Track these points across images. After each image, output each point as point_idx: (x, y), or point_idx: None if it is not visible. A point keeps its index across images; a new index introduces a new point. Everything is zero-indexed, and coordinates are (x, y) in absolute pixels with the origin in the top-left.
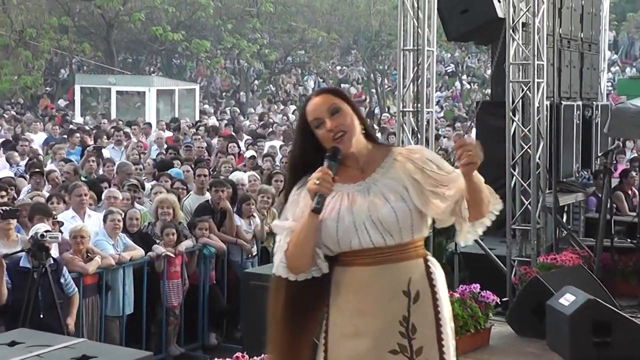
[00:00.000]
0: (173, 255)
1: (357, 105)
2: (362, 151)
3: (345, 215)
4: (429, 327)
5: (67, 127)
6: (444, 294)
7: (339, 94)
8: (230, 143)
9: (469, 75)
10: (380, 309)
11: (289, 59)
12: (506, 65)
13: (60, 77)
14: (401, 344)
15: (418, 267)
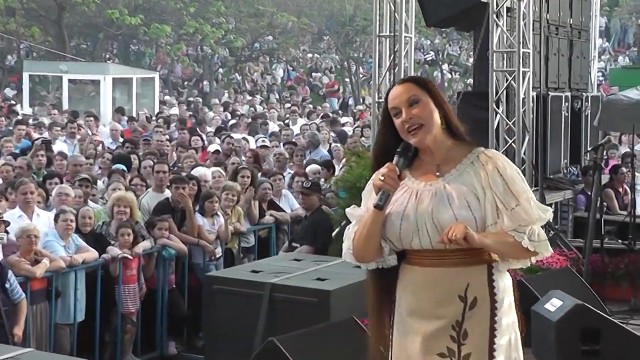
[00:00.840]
0: (129, 258)
1: (445, 99)
2: (440, 147)
3: (410, 214)
4: (482, 335)
5: (14, 118)
6: (507, 303)
7: (424, 85)
8: (192, 136)
9: (450, 64)
10: (434, 312)
11: (256, 46)
12: (489, 53)
13: (6, 63)
14: (450, 348)
15: (479, 273)
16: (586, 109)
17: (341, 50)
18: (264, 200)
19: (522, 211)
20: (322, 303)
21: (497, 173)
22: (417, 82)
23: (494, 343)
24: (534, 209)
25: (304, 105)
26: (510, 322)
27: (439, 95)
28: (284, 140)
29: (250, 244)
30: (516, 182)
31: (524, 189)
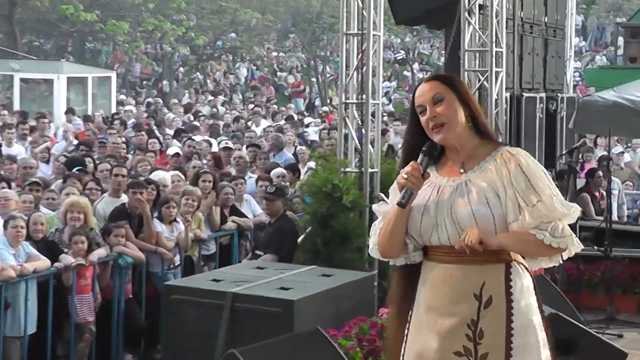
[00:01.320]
0: (84, 266)
1: (472, 97)
2: (465, 145)
3: (430, 208)
4: (498, 335)
5: None
6: (525, 304)
7: (449, 83)
8: (150, 139)
9: (420, 63)
10: (448, 309)
11: (218, 44)
12: (461, 53)
13: None
14: (466, 347)
15: (496, 272)
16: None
17: (307, 48)
18: (225, 206)
19: (543, 207)
20: (286, 313)
21: (519, 170)
22: (443, 80)
23: (511, 342)
24: (557, 205)
25: (268, 106)
26: (530, 323)
27: (466, 94)
28: (247, 142)
29: (211, 252)
30: (539, 178)
31: (547, 185)
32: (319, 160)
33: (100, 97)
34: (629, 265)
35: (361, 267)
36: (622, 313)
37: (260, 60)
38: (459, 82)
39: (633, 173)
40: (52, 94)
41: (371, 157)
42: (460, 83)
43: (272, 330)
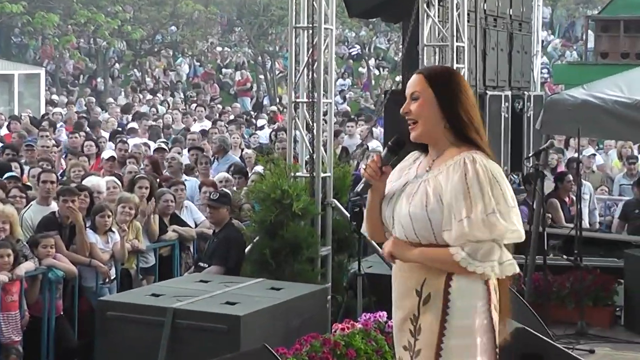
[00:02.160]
0: (9, 281)
1: (454, 99)
2: (438, 146)
3: (391, 201)
4: (432, 333)
5: None
6: (463, 305)
7: (433, 81)
8: (86, 141)
9: (377, 59)
10: (398, 303)
11: (157, 38)
12: (420, 48)
13: None
14: (409, 342)
15: (438, 271)
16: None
17: (254, 43)
18: (165, 214)
19: (467, 225)
20: (232, 330)
21: (462, 179)
22: (428, 77)
23: (442, 342)
24: (485, 226)
25: (212, 105)
26: (467, 326)
27: (449, 95)
28: (189, 145)
29: (149, 264)
30: (480, 192)
31: (486, 202)
32: (267, 164)
33: (27, 96)
34: (601, 276)
35: (313, 279)
36: (593, 327)
37: (203, 55)
38: (445, 82)
39: (605, 177)
40: None
41: (323, 160)
42: (447, 82)
43: (216, 348)
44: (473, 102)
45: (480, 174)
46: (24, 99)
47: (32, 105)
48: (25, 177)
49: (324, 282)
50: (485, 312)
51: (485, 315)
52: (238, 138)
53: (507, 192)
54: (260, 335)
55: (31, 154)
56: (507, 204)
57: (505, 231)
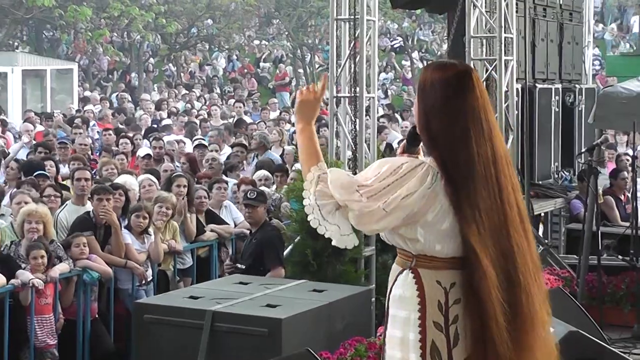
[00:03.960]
0: (43, 283)
1: (421, 106)
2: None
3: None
4: (382, 338)
5: None
6: (394, 314)
7: (418, 86)
8: (120, 138)
9: (420, 51)
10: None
11: (193, 31)
12: (466, 39)
13: None
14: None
15: (394, 274)
16: (580, 103)
17: (293, 36)
18: (199, 211)
19: (330, 178)
20: (273, 334)
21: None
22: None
23: (386, 329)
24: (341, 187)
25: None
26: (393, 336)
27: (419, 101)
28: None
29: (187, 265)
30: (370, 167)
31: (365, 174)
32: None
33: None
34: None
35: (357, 281)
36: None
37: (241, 49)
38: (420, 87)
39: None
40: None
41: (366, 157)
42: (423, 91)
43: (257, 352)
44: (425, 102)
45: (376, 162)
46: (56, 95)
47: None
48: (60, 177)
49: (368, 283)
50: (420, 325)
51: (421, 328)
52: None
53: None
54: (302, 339)
55: (65, 152)
56: (378, 194)
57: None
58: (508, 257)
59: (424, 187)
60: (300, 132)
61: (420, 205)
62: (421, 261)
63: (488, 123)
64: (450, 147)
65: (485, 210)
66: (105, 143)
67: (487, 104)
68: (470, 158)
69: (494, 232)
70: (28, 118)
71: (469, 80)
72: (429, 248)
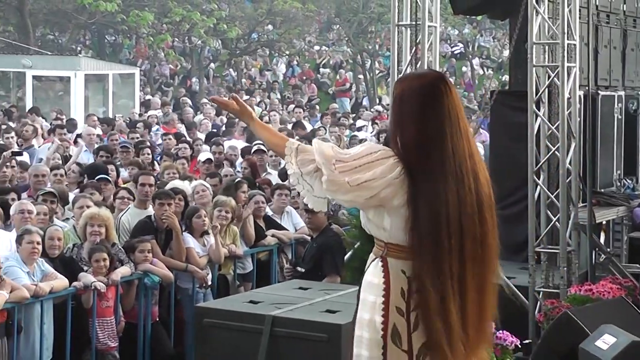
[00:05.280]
0: (105, 286)
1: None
2: None
3: None
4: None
5: None
6: (363, 299)
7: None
8: (179, 143)
9: (481, 58)
10: None
11: (253, 37)
12: (528, 46)
13: None
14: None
15: (368, 263)
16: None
17: (353, 41)
18: (257, 216)
19: (316, 148)
20: (332, 339)
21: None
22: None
23: (354, 331)
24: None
25: (311, 106)
26: (362, 319)
27: (393, 112)
28: None
29: (247, 270)
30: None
31: (349, 152)
32: None
33: (121, 96)
34: None
35: None
36: None
37: (301, 54)
38: (395, 86)
39: None
40: (68, 93)
41: None
42: (394, 88)
43: (316, 358)
44: (400, 112)
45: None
46: (118, 100)
47: (125, 106)
48: (121, 180)
49: None
50: (385, 308)
51: (384, 311)
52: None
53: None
54: None
55: (126, 155)
56: (349, 171)
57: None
58: (482, 236)
59: (391, 176)
60: (255, 126)
61: (387, 192)
62: (391, 250)
63: (463, 121)
64: (422, 149)
65: (454, 202)
66: (166, 147)
67: (460, 105)
68: (445, 154)
69: (468, 219)
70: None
71: (445, 85)
72: (395, 236)
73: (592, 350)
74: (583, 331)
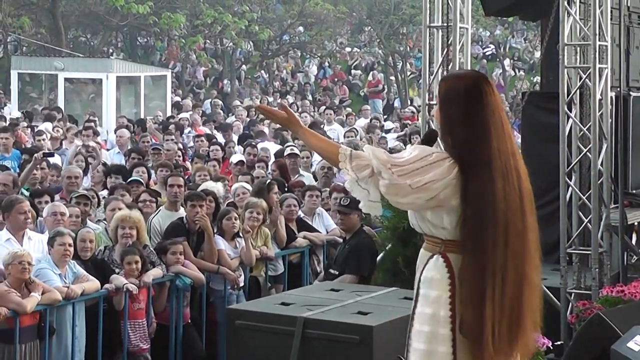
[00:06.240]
0: (137, 288)
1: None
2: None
3: None
4: (410, 315)
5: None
6: (425, 294)
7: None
8: (211, 145)
9: (513, 59)
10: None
11: (285, 38)
12: (560, 47)
13: None
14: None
15: (424, 259)
16: None
17: (385, 43)
18: (289, 220)
19: (371, 145)
20: (364, 341)
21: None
22: (439, 84)
23: (412, 327)
24: (378, 156)
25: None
26: (425, 313)
27: (442, 109)
28: None
29: (278, 272)
30: (406, 151)
31: (403, 157)
32: None
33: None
34: None
35: None
36: None
37: (332, 56)
38: (439, 87)
39: None
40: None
41: None
42: (439, 92)
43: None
44: (448, 111)
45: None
46: (150, 102)
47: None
48: (152, 182)
49: None
50: (451, 303)
51: (449, 306)
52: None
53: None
54: (394, 346)
55: (158, 157)
56: (408, 174)
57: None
58: (521, 236)
59: (449, 177)
60: (305, 134)
61: (446, 193)
62: (449, 247)
63: (505, 121)
64: (472, 148)
65: (501, 198)
66: (198, 149)
67: (502, 105)
68: (492, 152)
69: (513, 214)
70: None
71: (487, 86)
72: (454, 233)
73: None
74: (615, 332)
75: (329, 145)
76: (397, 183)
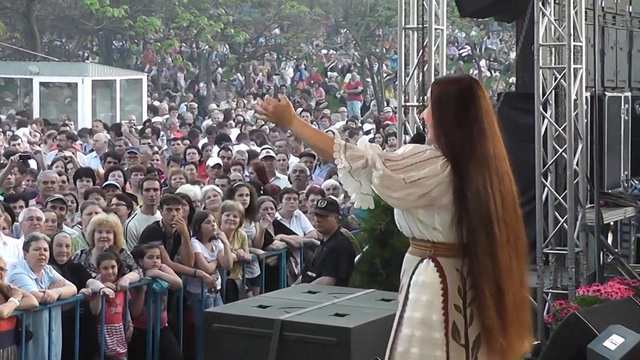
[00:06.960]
0: (114, 292)
1: (432, 105)
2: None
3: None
4: (396, 320)
5: None
6: (416, 298)
7: (430, 89)
8: (188, 148)
9: (488, 60)
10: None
11: (261, 41)
12: (535, 48)
13: None
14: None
15: (412, 263)
16: None
17: (361, 45)
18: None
19: (364, 141)
20: (342, 343)
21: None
22: (431, 86)
23: (398, 332)
24: (371, 149)
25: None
26: (415, 318)
27: (435, 112)
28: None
29: (255, 274)
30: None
31: (397, 153)
32: None
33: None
34: None
35: None
36: None
37: (309, 58)
38: (431, 92)
39: None
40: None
41: None
42: (431, 93)
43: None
44: (442, 114)
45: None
46: (125, 105)
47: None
48: (128, 186)
49: None
50: (443, 307)
51: (443, 311)
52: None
53: (414, 168)
54: (372, 348)
55: (134, 161)
56: (402, 169)
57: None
58: (518, 232)
59: (442, 175)
60: (299, 127)
61: (438, 190)
62: (439, 250)
63: (496, 125)
64: (466, 149)
65: (499, 199)
66: (174, 153)
67: (492, 110)
68: (487, 154)
69: (509, 215)
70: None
71: (480, 89)
72: (446, 235)
73: (600, 350)
74: (591, 332)
75: (323, 136)
76: (391, 177)
